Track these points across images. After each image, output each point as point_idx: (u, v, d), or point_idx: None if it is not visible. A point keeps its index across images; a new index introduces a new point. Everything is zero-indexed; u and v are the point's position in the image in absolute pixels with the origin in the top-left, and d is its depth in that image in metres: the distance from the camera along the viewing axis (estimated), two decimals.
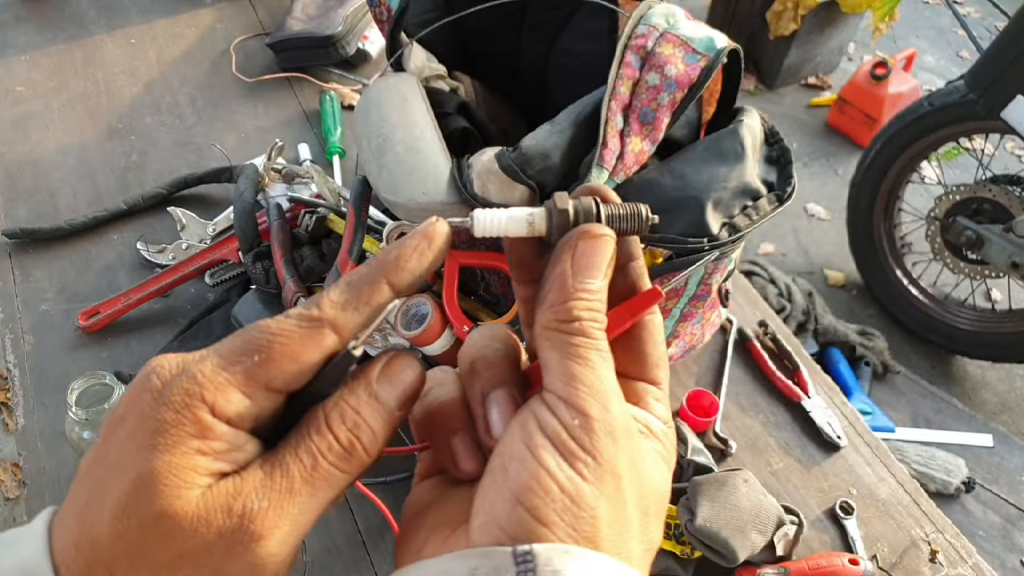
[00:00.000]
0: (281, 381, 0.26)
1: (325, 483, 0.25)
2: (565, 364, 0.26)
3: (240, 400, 0.25)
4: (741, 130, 0.75)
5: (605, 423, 0.25)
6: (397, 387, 0.28)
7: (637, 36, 0.72)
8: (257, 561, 0.24)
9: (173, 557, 0.23)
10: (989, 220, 1.81)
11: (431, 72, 0.87)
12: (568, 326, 0.27)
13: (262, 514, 0.24)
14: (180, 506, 0.23)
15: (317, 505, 0.25)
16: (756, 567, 0.74)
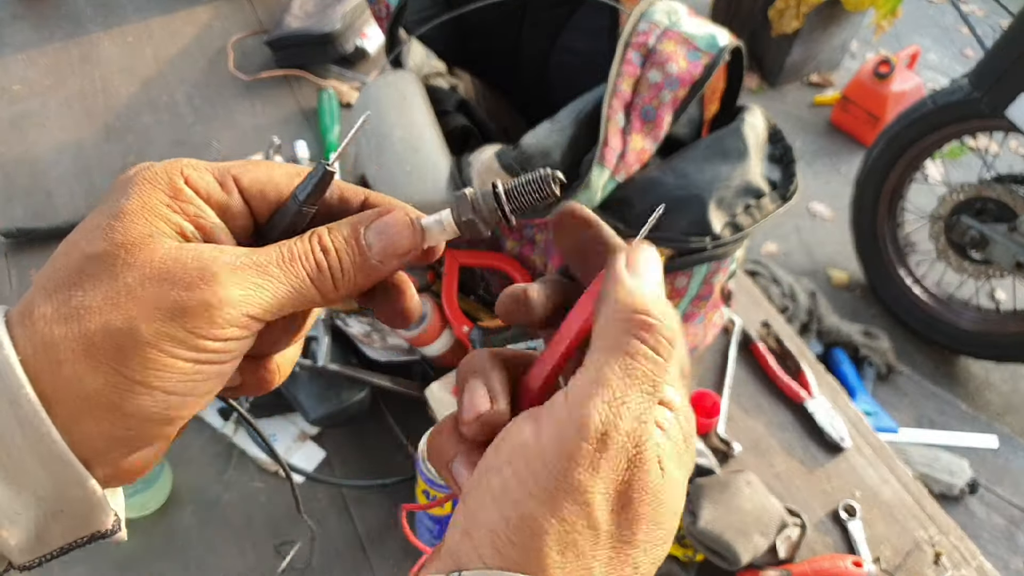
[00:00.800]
0: (248, 180, 0.28)
1: (295, 280, 0.26)
2: (589, 364, 0.26)
3: (212, 182, 0.27)
4: (744, 128, 0.74)
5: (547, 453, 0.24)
6: (383, 240, 0.28)
7: (639, 33, 0.71)
8: (214, 300, 0.24)
9: (137, 280, 0.24)
10: (993, 219, 1.79)
11: (430, 69, 0.87)
12: (619, 342, 0.26)
13: (229, 266, 0.25)
14: (144, 234, 0.25)
15: (282, 296, 0.26)
16: (759, 570, 0.73)
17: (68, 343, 0.24)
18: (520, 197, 0.28)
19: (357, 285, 0.28)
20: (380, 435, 0.82)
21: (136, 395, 0.24)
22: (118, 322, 0.24)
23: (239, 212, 0.28)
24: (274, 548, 0.74)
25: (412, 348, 0.82)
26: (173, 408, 0.25)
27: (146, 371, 0.24)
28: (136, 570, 0.73)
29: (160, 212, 0.26)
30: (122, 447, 0.26)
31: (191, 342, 0.24)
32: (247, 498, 0.77)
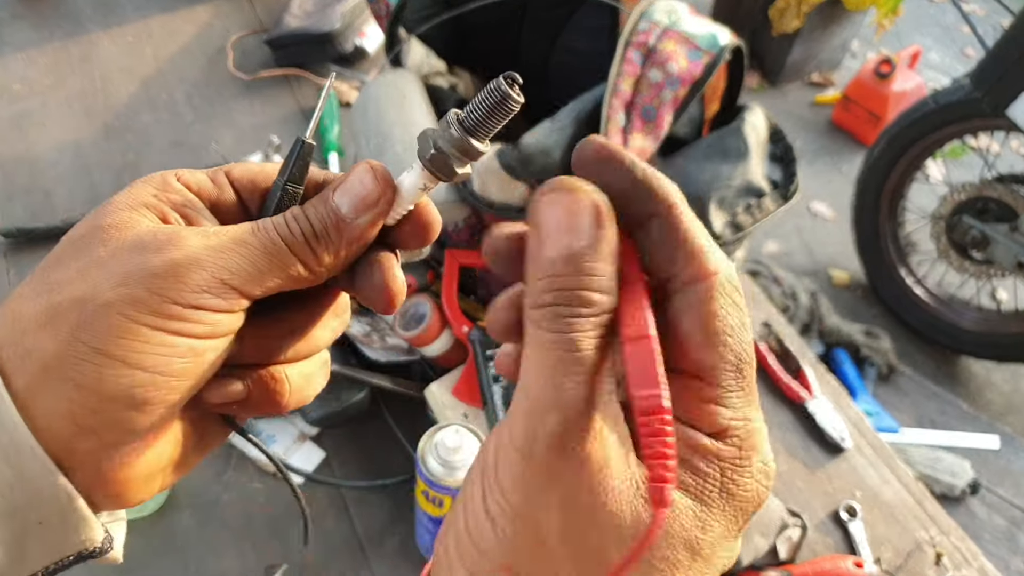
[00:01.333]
0: (238, 172, 0.28)
1: (271, 245, 0.25)
2: (525, 357, 0.22)
3: (204, 178, 0.27)
4: (744, 128, 0.74)
5: (528, 447, 0.21)
6: (349, 195, 0.26)
7: (639, 33, 0.71)
8: (181, 259, 0.23)
9: (109, 252, 0.24)
10: (995, 219, 1.79)
11: (430, 68, 0.86)
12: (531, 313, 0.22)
13: (201, 233, 0.24)
14: (125, 218, 0.25)
15: (258, 262, 0.25)
16: (760, 570, 0.73)
17: (33, 315, 0.23)
18: (479, 112, 0.25)
19: (339, 251, 0.26)
20: (380, 435, 0.82)
21: (96, 364, 0.22)
22: (82, 289, 0.23)
23: (230, 204, 0.28)
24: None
25: (412, 348, 0.82)
26: (139, 385, 0.23)
27: (107, 338, 0.22)
28: (135, 571, 0.73)
29: (145, 200, 0.26)
30: (90, 436, 0.23)
31: (155, 305, 0.23)
32: (246, 499, 0.77)
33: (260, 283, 0.25)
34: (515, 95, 0.25)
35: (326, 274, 0.27)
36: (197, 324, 0.24)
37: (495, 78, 0.25)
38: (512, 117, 0.25)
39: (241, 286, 0.25)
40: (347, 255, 0.27)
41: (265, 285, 0.25)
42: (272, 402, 0.29)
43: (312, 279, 0.26)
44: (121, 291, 0.23)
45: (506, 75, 0.24)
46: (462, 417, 0.75)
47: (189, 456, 0.29)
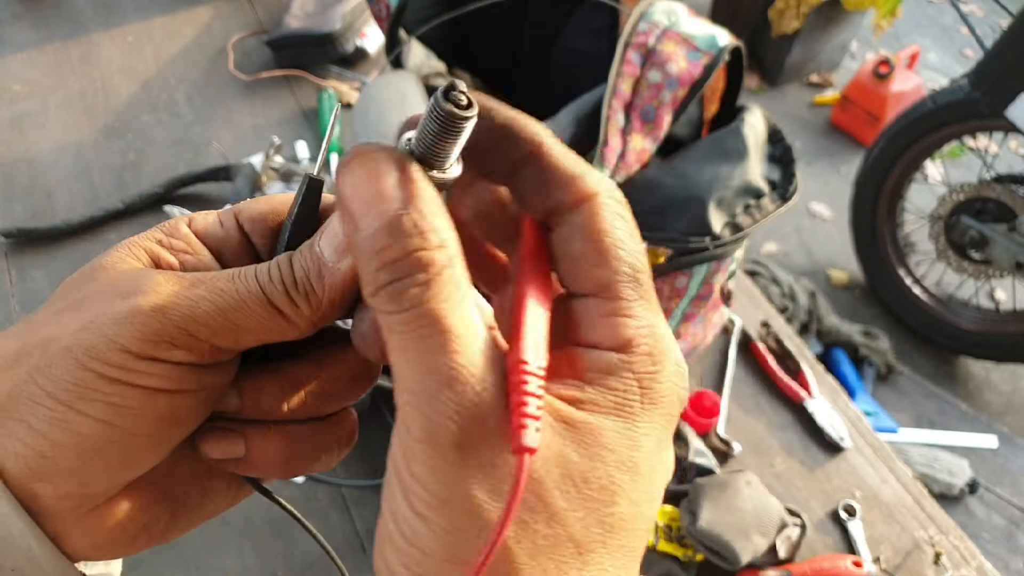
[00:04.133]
0: (247, 213, 0.27)
1: (246, 293, 0.23)
2: (389, 352, 0.21)
3: (213, 220, 0.27)
4: (744, 128, 0.74)
5: (429, 435, 0.19)
6: (330, 235, 0.24)
7: (638, 33, 0.71)
8: (144, 306, 0.22)
9: (86, 294, 0.24)
10: (993, 220, 1.80)
11: (430, 69, 0.87)
12: (373, 301, 0.21)
13: (175, 279, 0.23)
14: (117, 259, 0.25)
15: (229, 310, 0.23)
16: (759, 570, 0.73)
17: (4, 355, 0.23)
18: (428, 138, 0.22)
19: (323, 299, 0.24)
20: (380, 435, 0.82)
21: (47, 408, 0.22)
22: (51, 332, 0.23)
23: (237, 246, 0.26)
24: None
25: None
26: (88, 434, 0.22)
27: (59, 383, 0.22)
28: (135, 570, 0.73)
29: (144, 245, 0.25)
30: (46, 483, 0.22)
31: (108, 353, 0.22)
32: (247, 498, 0.77)
33: (233, 335, 0.23)
34: (461, 112, 0.21)
35: (308, 326, 0.25)
36: (152, 376, 0.22)
37: (435, 93, 0.21)
38: (467, 132, 0.22)
39: (210, 338, 0.23)
40: (336, 302, 0.24)
41: (239, 337, 0.24)
42: (272, 461, 0.27)
43: (293, 331, 0.24)
44: (80, 336, 0.22)
45: (444, 88, 0.21)
46: None
47: (189, 514, 0.27)
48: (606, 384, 0.22)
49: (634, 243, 0.23)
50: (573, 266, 0.23)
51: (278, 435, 0.26)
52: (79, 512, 0.23)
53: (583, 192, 0.23)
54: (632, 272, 0.23)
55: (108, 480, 0.23)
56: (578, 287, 0.23)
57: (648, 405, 0.22)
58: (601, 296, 0.22)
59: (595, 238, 0.22)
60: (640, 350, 0.22)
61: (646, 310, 0.23)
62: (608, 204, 0.23)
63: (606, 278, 0.22)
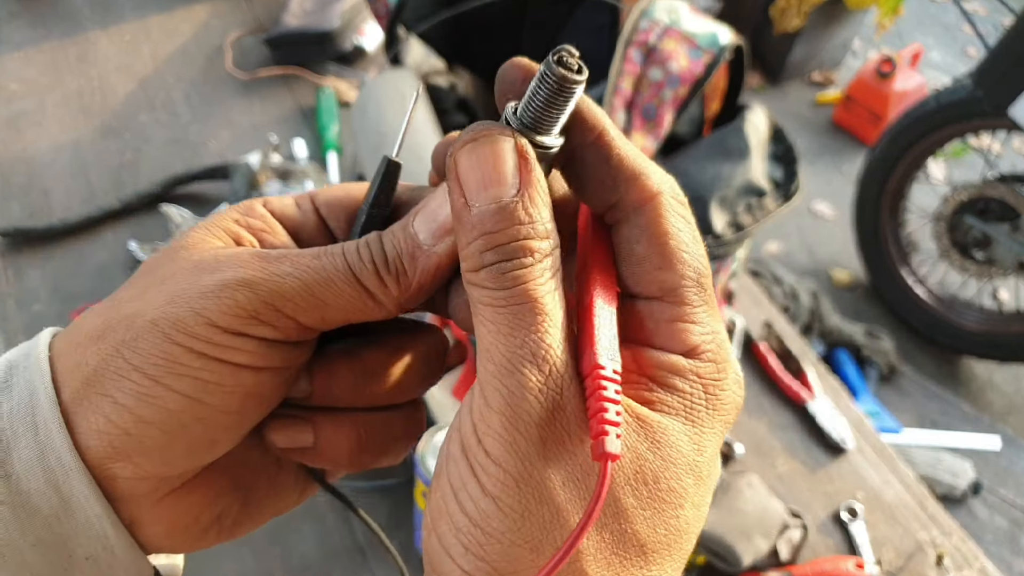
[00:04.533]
0: (324, 197, 0.27)
1: (333, 271, 0.23)
2: (478, 325, 0.21)
3: (289, 203, 0.26)
4: (745, 127, 0.74)
5: (511, 408, 0.19)
6: (426, 219, 0.24)
7: (639, 31, 0.71)
8: (229, 280, 0.22)
9: (169, 272, 0.23)
10: (996, 219, 1.79)
11: (430, 68, 0.86)
12: (472, 276, 0.21)
13: (260, 255, 0.23)
14: (198, 239, 0.24)
15: (315, 287, 0.23)
16: (761, 571, 0.73)
17: (90, 329, 0.23)
18: (537, 104, 0.21)
19: (411, 281, 0.24)
20: None
21: (133, 383, 0.21)
22: (136, 307, 0.23)
23: (314, 230, 0.26)
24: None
25: None
26: (174, 409, 0.22)
27: (147, 357, 0.21)
28: None
29: (223, 224, 0.25)
30: (127, 462, 0.22)
31: (196, 327, 0.21)
32: None
33: (319, 312, 0.23)
34: (573, 75, 0.21)
35: (396, 307, 0.24)
36: (239, 352, 0.22)
37: (546, 58, 0.21)
38: (576, 97, 0.22)
39: (295, 314, 0.23)
40: (424, 285, 0.24)
41: (325, 315, 0.23)
42: (341, 451, 0.26)
43: (380, 311, 0.24)
44: (167, 309, 0.22)
45: (556, 52, 0.21)
46: None
47: (258, 507, 0.27)
48: (673, 386, 0.22)
49: (698, 246, 0.23)
50: (637, 268, 0.23)
51: (347, 423, 0.26)
52: (155, 496, 0.23)
53: (647, 191, 0.23)
54: (697, 276, 0.22)
55: (189, 461, 0.23)
56: (642, 289, 0.23)
57: (712, 411, 0.22)
58: (666, 300, 0.22)
59: (660, 240, 0.22)
60: (706, 356, 0.22)
61: (710, 316, 0.23)
62: (672, 205, 0.23)
63: (671, 282, 0.22)
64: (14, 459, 0.21)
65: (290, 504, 0.28)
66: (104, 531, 0.22)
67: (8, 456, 0.21)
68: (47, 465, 0.21)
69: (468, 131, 0.22)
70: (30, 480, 0.21)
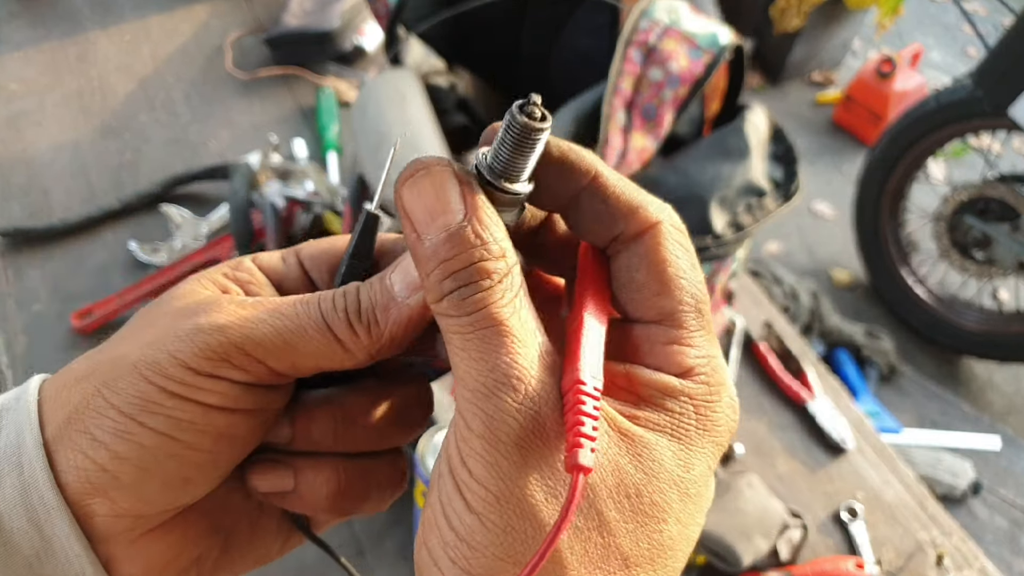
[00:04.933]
0: (308, 251, 0.28)
1: (307, 319, 0.24)
2: (451, 354, 0.21)
3: (276, 257, 0.27)
4: (746, 127, 0.74)
5: (490, 431, 0.20)
6: (402, 273, 0.25)
7: (639, 31, 0.70)
8: (205, 326, 0.23)
9: (156, 316, 0.24)
10: (996, 219, 1.79)
11: (430, 68, 0.86)
12: (437, 308, 0.22)
13: (239, 302, 0.24)
14: (188, 289, 0.25)
15: (288, 334, 0.24)
16: (760, 571, 0.73)
17: (78, 370, 0.24)
18: (505, 153, 0.22)
19: (385, 331, 0.24)
20: None
21: (111, 420, 0.22)
22: (121, 350, 0.24)
23: (297, 280, 0.27)
24: None
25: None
26: (149, 447, 0.22)
27: (125, 396, 0.22)
28: None
29: (212, 276, 0.26)
30: (104, 499, 0.23)
31: (170, 368, 0.22)
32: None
33: (289, 358, 0.24)
34: (536, 124, 0.21)
35: (366, 356, 0.25)
36: (211, 393, 0.23)
37: (509, 108, 0.22)
38: (542, 144, 0.22)
39: (266, 359, 0.23)
40: (397, 337, 0.24)
41: (296, 361, 0.24)
42: (320, 496, 0.27)
43: (350, 360, 0.25)
44: (146, 352, 0.23)
45: (519, 102, 0.22)
46: None
47: (239, 552, 0.27)
48: (663, 405, 0.22)
49: (695, 273, 0.24)
50: (636, 294, 0.23)
51: (328, 469, 0.27)
52: (132, 535, 0.24)
53: (645, 222, 0.23)
54: (694, 302, 0.23)
55: (164, 498, 0.24)
56: (640, 314, 0.23)
57: (702, 431, 0.22)
58: (664, 324, 0.23)
59: (658, 268, 0.23)
60: (699, 379, 0.23)
61: (706, 341, 0.23)
62: (670, 232, 0.23)
63: (669, 307, 0.23)
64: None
65: (272, 553, 0.29)
66: (83, 571, 0.23)
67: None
68: (29, 504, 0.22)
69: (407, 167, 0.22)
70: (12, 519, 0.22)
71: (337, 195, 0.98)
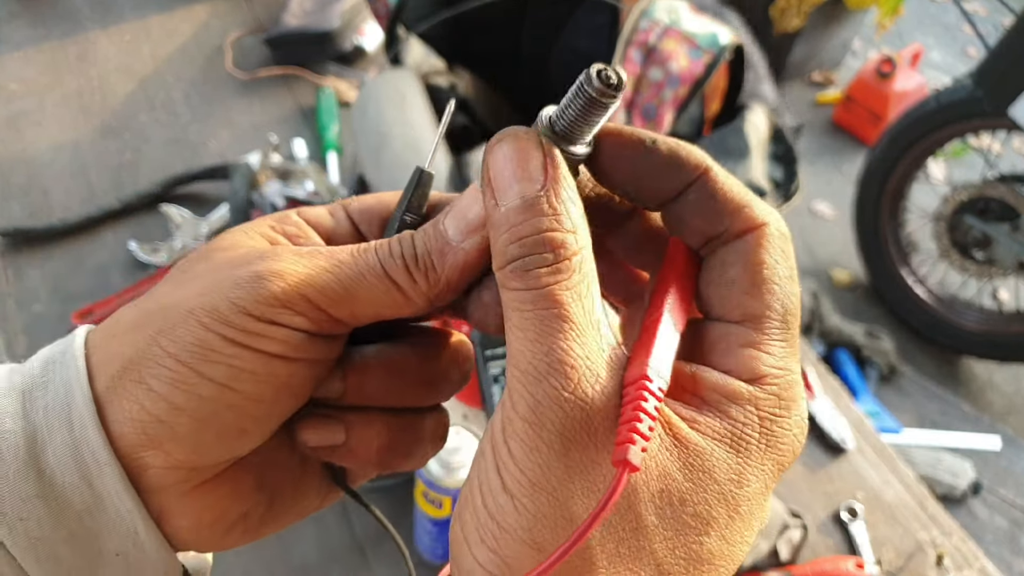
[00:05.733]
0: (357, 205, 0.27)
1: (365, 267, 0.24)
2: (508, 331, 0.21)
3: (322, 212, 0.27)
4: (745, 127, 0.74)
5: (535, 415, 0.20)
6: (456, 218, 0.24)
7: (639, 31, 0.71)
8: (263, 271, 0.23)
9: (207, 267, 0.24)
10: (996, 219, 1.79)
11: (430, 68, 0.86)
12: (501, 276, 0.21)
13: (295, 250, 0.24)
14: (235, 240, 0.25)
15: (347, 282, 0.23)
16: (761, 571, 0.73)
17: (127, 320, 0.23)
18: (570, 114, 0.22)
19: (440, 277, 0.24)
20: None
21: (169, 369, 0.22)
22: (173, 298, 0.23)
23: (347, 234, 0.27)
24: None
25: None
26: (207, 397, 0.22)
27: (182, 344, 0.22)
28: None
29: (259, 229, 0.26)
30: (159, 450, 0.22)
31: (230, 315, 0.22)
32: None
33: (349, 306, 0.24)
34: (607, 91, 0.22)
35: (425, 303, 0.25)
36: (271, 340, 0.22)
37: (586, 71, 0.22)
38: (610, 111, 0.22)
39: (327, 306, 0.23)
40: (452, 281, 0.24)
41: (355, 309, 0.24)
42: (370, 450, 0.26)
43: (409, 307, 0.24)
44: (203, 299, 0.22)
45: (597, 67, 0.22)
46: (462, 418, 0.75)
47: (283, 508, 0.27)
48: (727, 412, 0.21)
49: (791, 284, 0.23)
50: (725, 291, 0.23)
51: (378, 422, 0.27)
52: (184, 488, 0.23)
53: (752, 221, 0.23)
54: (783, 311, 0.22)
55: (219, 451, 0.23)
56: (725, 312, 0.23)
57: (763, 446, 0.21)
58: (746, 325, 0.22)
59: (754, 268, 0.22)
60: (770, 389, 0.21)
61: (787, 353, 0.22)
62: (774, 236, 0.23)
63: (756, 309, 0.22)
64: (48, 454, 0.22)
65: (311, 508, 0.29)
66: (134, 526, 0.23)
67: (44, 452, 0.22)
68: (80, 460, 0.22)
69: (497, 135, 0.23)
70: (64, 475, 0.22)
71: (337, 195, 0.98)
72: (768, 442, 0.21)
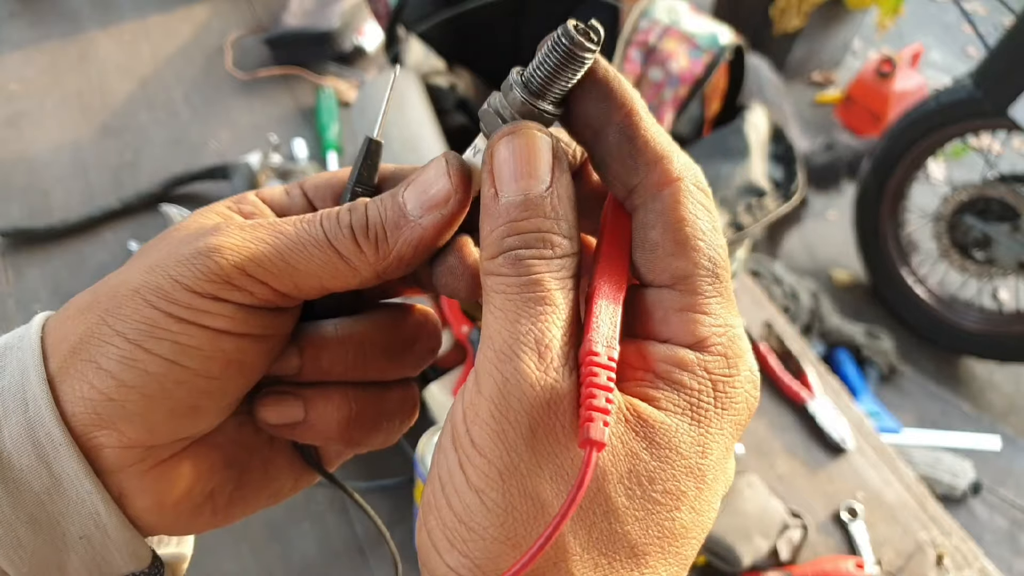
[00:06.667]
0: (311, 182, 0.27)
1: (309, 238, 0.23)
2: (486, 314, 0.21)
3: (278, 191, 0.27)
4: (745, 127, 0.74)
5: (502, 394, 0.19)
6: (416, 190, 0.24)
7: (639, 31, 0.71)
8: (203, 247, 0.23)
9: (160, 244, 0.24)
10: (996, 219, 1.79)
11: (430, 67, 0.86)
12: (489, 264, 0.21)
13: (239, 223, 0.24)
14: (192, 221, 0.25)
15: (291, 254, 0.23)
16: (761, 571, 0.73)
17: (79, 302, 0.24)
18: (544, 70, 0.22)
19: (393, 248, 0.23)
20: None
21: (117, 348, 0.22)
22: (122, 278, 0.23)
23: (302, 210, 0.27)
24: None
25: None
26: (155, 374, 0.22)
27: (129, 323, 0.22)
28: None
29: (217, 210, 0.26)
30: (111, 430, 0.22)
31: (173, 292, 0.22)
32: None
33: (290, 277, 0.23)
34: (586, 43, 0.21)
35: (372, 274, 0.24)
36: (217, 316, 0.22)
37: (562, 25, 0.21)
38: (584, 68, 0.22)
39: (268, 279, 0.23)
40: (406, 256, 0.24)
41: (298, 281, 0.23)
42: (331, 424, 0.26)
43: (355, 277, 0.24)
44: (147, 277, 0.23)
45: (574, 24, 0.21)
46: None
47: (253, 489, 0.27)
48: (679, 382, 0.21)
49: (716, 236, 0.22)
50: (650, 255, 0.22)
51: (337, 396, 0.26)
52: (142, 467, 0.23)
53: (668, 175, 0.22)
54: (711, 266, 0.22)
55: (172, 428, 0.23)
56: (653, 277, 0.22)
57: (720, 410, 0.21)
58: (677, 288, 0.22)
59: (675, 227, 0.22)
60: (715, 350, 0.21)
61: (724, 308, 0.22)
62: (691, 191, 0.22)
63: (683, 270, 0.22)
64: (4, 436, 0.22)
65: (284, 490, 0.28)
66: (95, 508, 0.22)
67: (0, 434, 0.22)
68: (36, 440, 0.22)
69: (508, 125, 0.22)
70: (20, 457, 0.22)
71: None
72: (723, 404, 0.21)
